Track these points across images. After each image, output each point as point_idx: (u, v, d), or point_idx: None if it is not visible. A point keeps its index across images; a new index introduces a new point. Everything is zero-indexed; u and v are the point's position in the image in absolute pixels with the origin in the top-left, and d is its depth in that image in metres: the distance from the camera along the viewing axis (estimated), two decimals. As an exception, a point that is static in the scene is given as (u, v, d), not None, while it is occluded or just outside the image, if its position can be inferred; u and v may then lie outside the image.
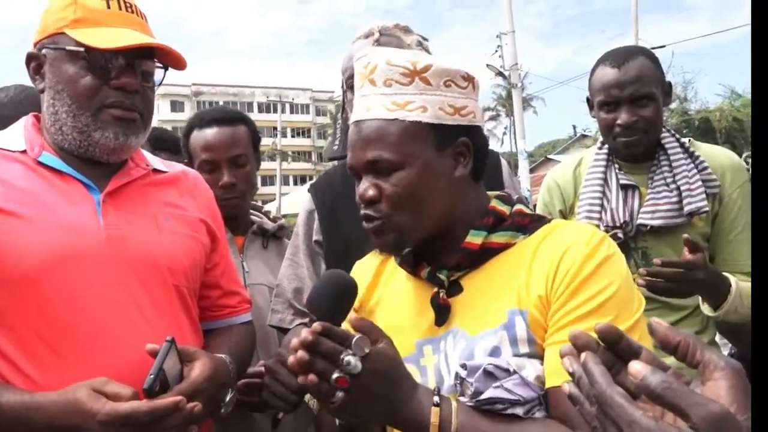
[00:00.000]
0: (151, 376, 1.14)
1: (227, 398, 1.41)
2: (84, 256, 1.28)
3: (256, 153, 2.17)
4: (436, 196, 1.17)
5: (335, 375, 0.98)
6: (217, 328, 1.58)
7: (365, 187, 1.17)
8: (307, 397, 1.35)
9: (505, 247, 1.18)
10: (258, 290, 2.02)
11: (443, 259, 1.19)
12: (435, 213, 1.17)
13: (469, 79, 1.20)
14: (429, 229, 1.18)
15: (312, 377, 0.98)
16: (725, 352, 2.91)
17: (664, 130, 2.03)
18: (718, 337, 2.34)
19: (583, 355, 0.71)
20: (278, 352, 1.37)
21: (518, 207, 1.23)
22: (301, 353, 0.98)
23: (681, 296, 1.81)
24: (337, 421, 1.33)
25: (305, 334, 0.98)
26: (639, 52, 1.97)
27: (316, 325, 0.99)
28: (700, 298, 1.90)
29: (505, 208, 1.22)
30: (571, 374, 0.73)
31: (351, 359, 0.98)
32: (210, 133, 2.05)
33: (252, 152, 2.12)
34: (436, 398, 1.04)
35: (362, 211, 1.19)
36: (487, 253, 1.18)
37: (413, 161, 1.14)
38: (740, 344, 2.42)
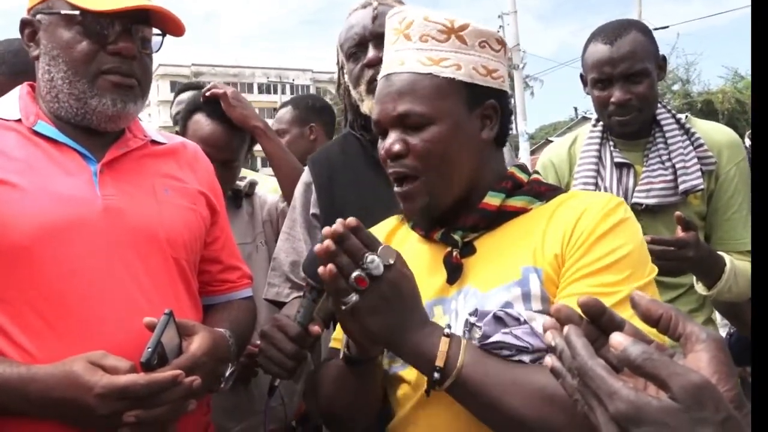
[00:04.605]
0: (149, 350, 1.13)
1: (227, 373, 1.40)
2: (80, 226, 1.25)
3: (250, 150, 2.19)
4: (464, 156, 1.17)
5: (356, 273, 0.99)
6: (217, 303, 1.56)
7: (392, 141, 1.16)
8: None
9: (522, 211, 1.18)
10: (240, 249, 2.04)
11: (459, 221, 1.19)
12: (461, 174, 1.17)
13: (501, 43, 1.21)
14: (455, 193, 1.17)
15: (331, 267, 0.99)
16: (724, 332, 2.91)
17: (659, 105, 2.00)
18: (718, 317, 2.33)
19: (565, 328, 0.71)
20: (274, 317, 1.34)
21: (536, 176, 1.25)
22: (328, 242, 0.99)
23: (671, 275, 1.79)
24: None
25: (337, 225, 0.99)
26: (632, 27, 1.93)
27: (350, 220, 1.00)
28: (694, 276, 1.89)
29: (523, 176, 1.23)
30: (554, 348, 0.73)
31: (375, 259, 0.99)
32: (217, 130, 2.04)
33: (245, 154, 2.15)
34: (447, 330, 1.05)
35: (389, 169, 1.18)
36: (503, 216, 1.18)
37: (444, 117, 1.14)
38: (739, 324, 2.41)
